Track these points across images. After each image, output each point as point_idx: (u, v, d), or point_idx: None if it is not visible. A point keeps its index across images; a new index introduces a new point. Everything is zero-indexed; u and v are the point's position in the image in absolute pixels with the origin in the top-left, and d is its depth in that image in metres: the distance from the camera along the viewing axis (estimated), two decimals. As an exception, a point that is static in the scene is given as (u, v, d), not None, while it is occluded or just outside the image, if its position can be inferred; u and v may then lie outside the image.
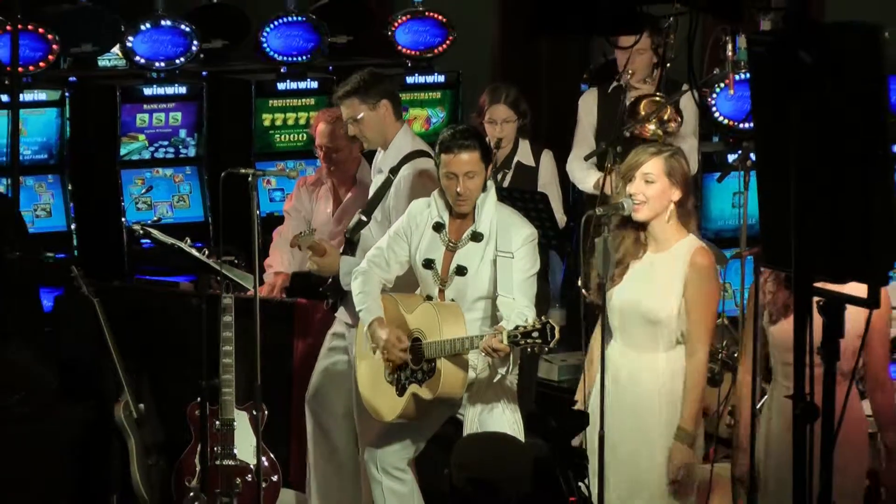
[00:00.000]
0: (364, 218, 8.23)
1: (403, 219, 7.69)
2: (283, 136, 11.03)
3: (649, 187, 7.03)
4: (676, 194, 7.08)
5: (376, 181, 8.35)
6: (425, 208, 7.62)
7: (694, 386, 7.08)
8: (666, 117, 8.71)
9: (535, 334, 7.06)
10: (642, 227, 7.13)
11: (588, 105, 9.44)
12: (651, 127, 8.68)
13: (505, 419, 7.48)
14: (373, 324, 7.53)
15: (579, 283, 7.35)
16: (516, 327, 7.09)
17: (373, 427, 7.88)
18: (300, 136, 10.92)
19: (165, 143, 10.87)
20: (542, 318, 7.13)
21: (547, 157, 9.32)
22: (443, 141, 7.52)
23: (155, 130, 10.84)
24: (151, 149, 10.84)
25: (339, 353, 8.28)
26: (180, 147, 10.90)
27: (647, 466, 7.14)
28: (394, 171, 8.18)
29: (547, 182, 9.22)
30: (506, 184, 8.69)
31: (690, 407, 7.07)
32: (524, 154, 9.27)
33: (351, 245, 8.24)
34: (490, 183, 7.60)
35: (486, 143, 7.72)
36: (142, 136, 10.83)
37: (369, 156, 8.90)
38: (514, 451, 5.51)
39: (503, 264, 7.42)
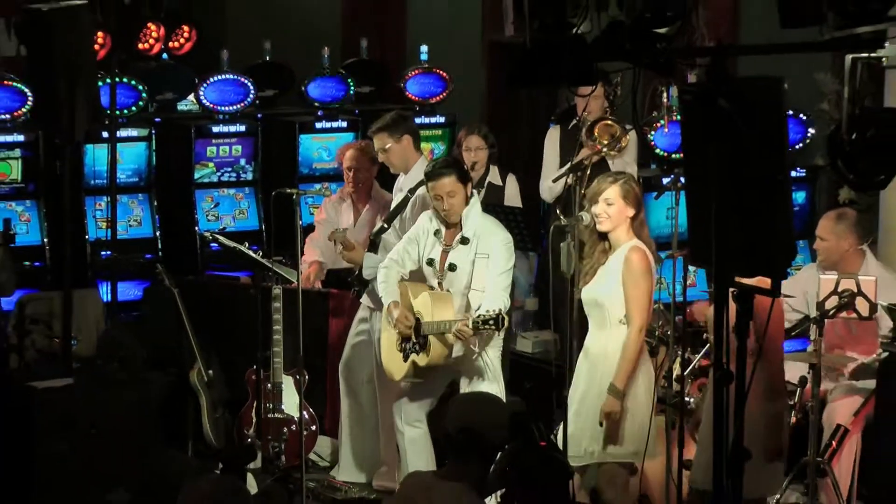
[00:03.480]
0: (385, 225, 8.36)
1: (415, 228, 7.83)
2: (318, 165, 11.05)
3: (609, 208, 7.14)
4: (631, 211, 7.18)
5: (397, 198, 8.46)
6: (429, 220, 7.70)
7: (626, 351, 7.07)
8: (617, 135, 8.72)
9: (491, 322, 7.22)
10: (605, 237, 7.18)
11: (553, 140, 9.44)
12: (604, 147, 8.69)
13: (489, 387, 7.50)
14: (390, 305, 7.68)
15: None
16: (478, 316, 7.21)
17: (391, 389, 7.92)
18: (331, 163, 10.93)
19: (229, 169, 10.86)
20: (497, 310, 7.19)
21: (511, 179, 9.51)
22: (426, 172, 7.71)
23: (221, 159, 10.85)
24: (218, 174, 10.84)
25: (363, 333, 8.31)
26: (241, 172, 10.89)
27: (592, 413, 7.16)
28: (412, 191, 8.24)
29: (511, 196, 9.37)
30: (480, 199, 8.70)
31: (620, 368, 7.06)
32: (494, 176, 9.39)
33: (374, 245, 8.32)
34: (475, 198, 7.68)
35: (463, 168, 7.81)
36: (211, 164, 10.84)
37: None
38: (495, 406, 5.50)
39: (479, 264, 7.54)
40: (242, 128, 10.90)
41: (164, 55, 11.93)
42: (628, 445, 7.13)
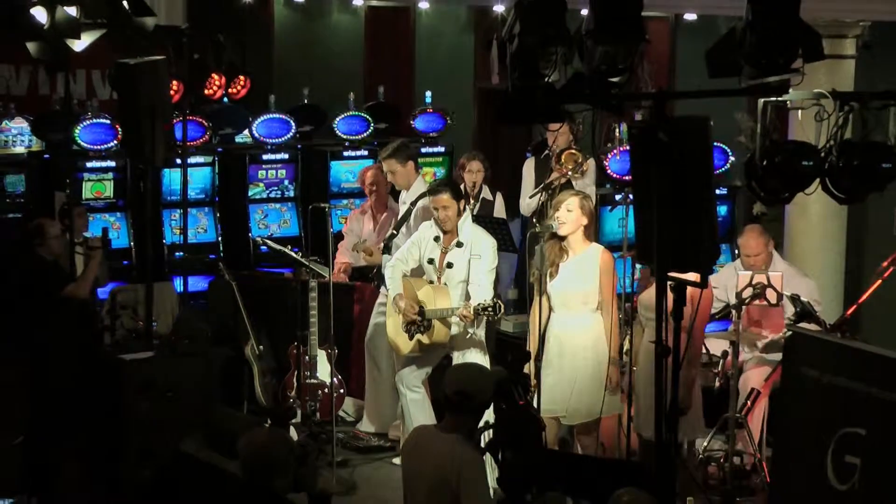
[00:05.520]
0: (395, 231, 8.46)
1: (417, 233, 7.84)
2: (346, 185, 11.06)
3: (568, 215, 7.12)
4: (584, 220, 7.16)
5: (402, 209, 8.59)
6: (429, 228, 7.72)
7: (614, 331, 7.12)
8: (580, 161, 8.74)
9: (490, 309, 7.23)
10: (562, 239, 7.17)
11: (529, 167, 9.45)
12: (570, 171, 8.70)
13: (477, 358, 7.51)
14: (396, 297, 7.67)
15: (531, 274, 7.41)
16: (479, 304, 7.23)
17: (400, 360, 7.92)
18: (356, 183, 10.93)
19: (275, 188, 10.86)
20: (494, 299, 7.21)
21: (499, 196, 9.51)
22: (429, 189, 7.83)
23: (269, 180, 10.84)
24: (267, 192, 10.84)
25: (383, 315, 8.31)
26: (284, 190, 10.89)
27: (582, 379, 7.14)
28: (413, 203, 8.37)
29: (499, 209, 9.36)
30: (475, 211, 8.72)
31: (614, 344, 7.08)
32: (486, 193, 9.39)
33: (387, 248, 8.38)
34: (467, 211, 7.70)
35: (457, 189, 7.76)
36: (261, 184, 10.83)
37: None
38: (482, 373, 5.49)
39: (474, 263, 7.55)
40: (286, 156, 10.90)
41: (225, 99, 11.89)
42: (611, 403, 7.14)
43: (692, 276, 5.19)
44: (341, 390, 8.52)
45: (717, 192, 9.44)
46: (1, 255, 10.17)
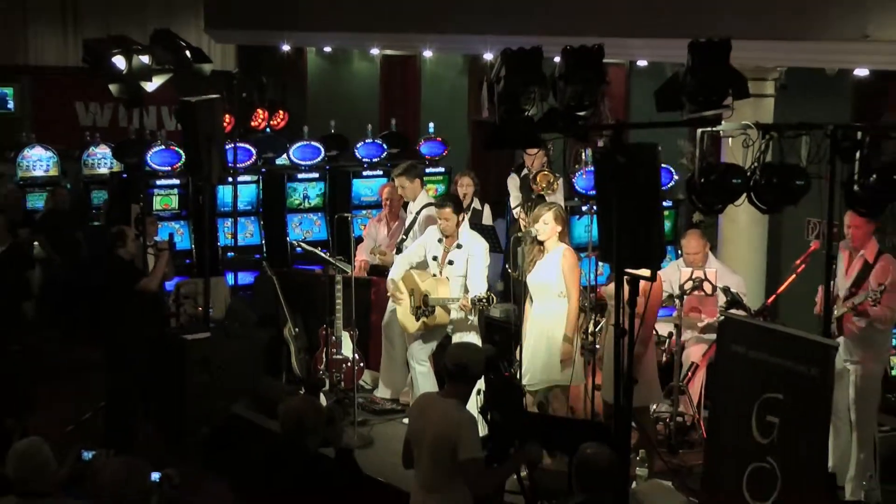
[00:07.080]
0: (404, 237, 8.40)
1: (424, 236, 7.85)
2: (365, 199, 11.04)
3: (546, 226, 7.12)
4: (559, 228, 7.17)
5: (409, 218, 8.57)
6: (435, 231, 7.70)
7: (571, 314, 7.09)
8: (552, 181, 8.75)
9: (484, 300, 7.21)
10: (541, 243, 7.17)
11: (512, 183, 9.46)
12: (543, 188, 8.71)
13: (472, 338, 7.50)
14: (391, 279, 7.74)
15: (509, 269, 7.39)
16: (475, 296, 7.23)
17: (410, 338, 7.90)
18: (373, 197, 10.92)
19: (308, 201, 10.85)
20: (488, 292, 7.20)
21: (487, 206, 9.53)
22: (436, 203, 7.84)
23: (303, 195, 10.83)
24: (301, 203, 10.83)
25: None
26: (316, 203, 10.88)
27: (545, 356, 7.12)
28: (418, 213, 8.30)
29: (487, 217, 9.39)
30: (467, 219, 8.73)
31: (570, 325, 7.07)
32: (476, 204, 9.37)
33: (399, 250, 8.34)
34: (465, 220, 7.67)
35: (458, 202, 7.79)
36: (297, 198, 10.82)
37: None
38: (476, 350, 5.47)
39: (471, 262, 7.53)
40: (317, 175, 10.89)
41: (267, 129, 11.93)
42: (569, 373, 7.13)
43: (644, 272, 5.18)
44: (361, 364, 8.51)
45: (664, 204, 9.45)
46: (89, 254, 10.17)
